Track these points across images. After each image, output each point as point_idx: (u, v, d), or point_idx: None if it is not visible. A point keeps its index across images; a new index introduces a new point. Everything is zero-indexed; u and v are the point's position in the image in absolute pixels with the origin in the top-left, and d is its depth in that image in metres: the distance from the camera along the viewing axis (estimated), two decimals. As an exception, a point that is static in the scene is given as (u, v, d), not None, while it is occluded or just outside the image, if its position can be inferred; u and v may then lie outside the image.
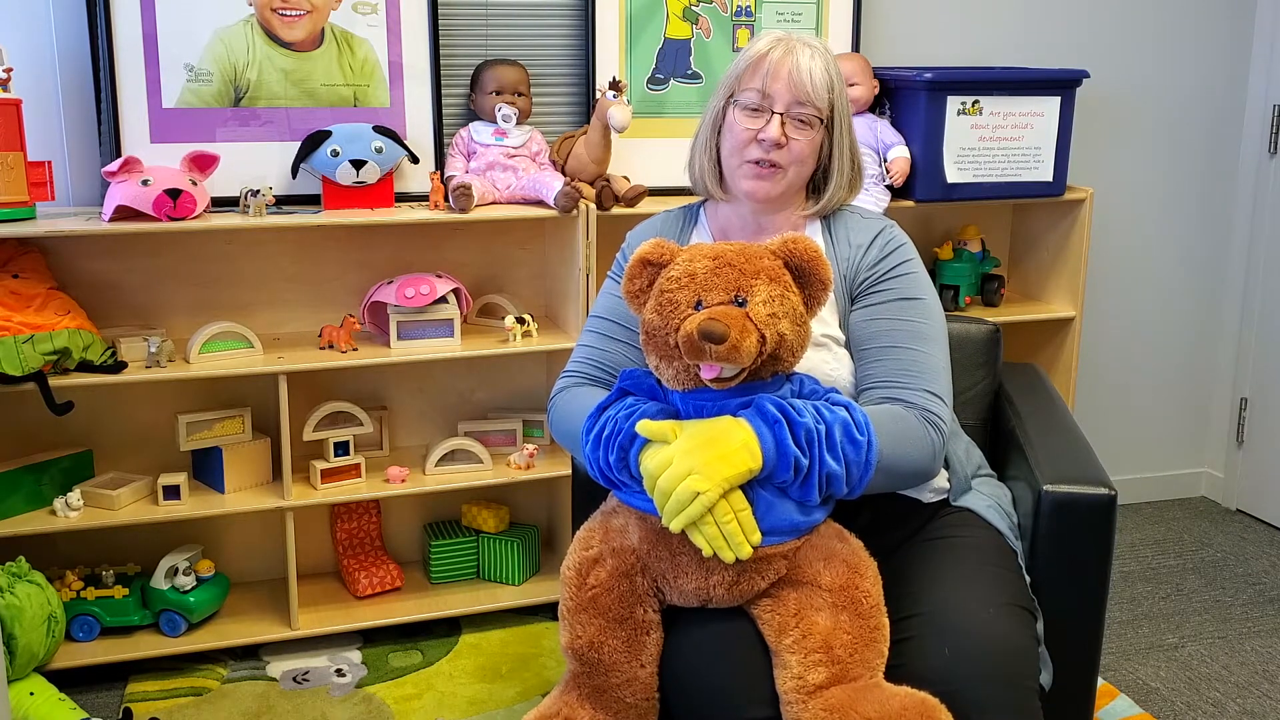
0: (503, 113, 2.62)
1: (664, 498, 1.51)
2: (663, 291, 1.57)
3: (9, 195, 2.28)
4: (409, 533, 2.90)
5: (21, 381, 2.29)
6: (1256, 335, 3.43)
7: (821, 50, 1.78)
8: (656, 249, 1.62)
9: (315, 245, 2.70)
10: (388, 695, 2.44)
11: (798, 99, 1.74)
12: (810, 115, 1.75)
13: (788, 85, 1.74)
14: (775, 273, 1.57)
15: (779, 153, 1.75)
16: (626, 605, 1.61)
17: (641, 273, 1.62)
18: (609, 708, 1.62)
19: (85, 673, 2.45)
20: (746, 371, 1.53)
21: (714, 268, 1.56)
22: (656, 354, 1.58)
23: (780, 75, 1.74)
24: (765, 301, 1.53)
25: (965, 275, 2.99)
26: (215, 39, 2.49)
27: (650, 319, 1.58)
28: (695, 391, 1.57)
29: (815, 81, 1.74)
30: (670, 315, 1.55)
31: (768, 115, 1.75)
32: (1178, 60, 3.31)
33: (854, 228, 1.82)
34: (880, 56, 2.99)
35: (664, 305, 1.56)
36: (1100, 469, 1.85)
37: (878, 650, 1.55)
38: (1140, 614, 2.85)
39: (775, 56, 1.75)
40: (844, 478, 1.54)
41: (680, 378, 1.57)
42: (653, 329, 1.57)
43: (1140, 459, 3.55)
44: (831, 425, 1.53)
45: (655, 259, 1.61)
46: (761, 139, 1.74)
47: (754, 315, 1.52)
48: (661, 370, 1.59)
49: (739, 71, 1.79)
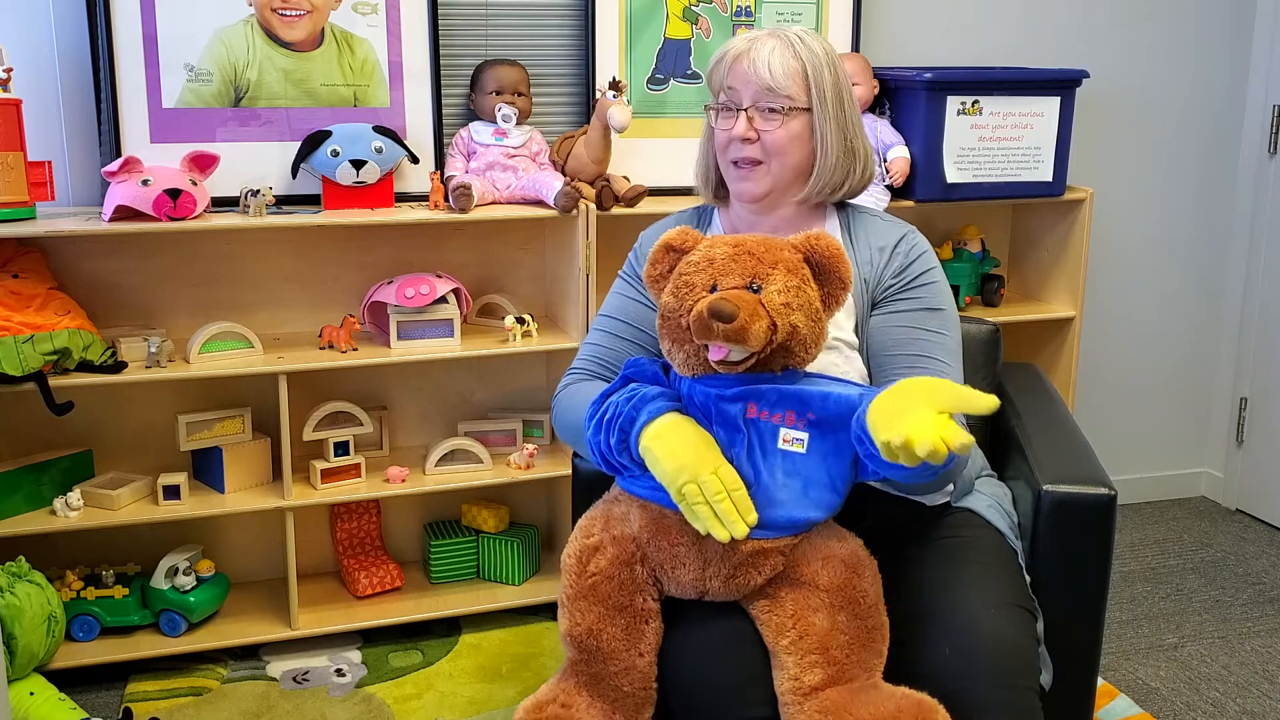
0: (503, 113, 2.63)
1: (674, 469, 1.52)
2: (680, 274, 1.58)
3: (9, 195, 2.28)
4: (409, 533, 2.90)
5: (21, 381, 2.29)
6: (1256, 335, 3.43)
7: (794, 38, 1.74)
8: (681, 235, 1.63)
9: (315, 245, 2.70)
10: (388, 695, 2.44)
11: (760, 92, 1.73)
12: (780, 104, 1.73)
13: (746, 80, 1.74)
14: (794, 265, 1.56)
15: (753, 148, 1.74)
16: (626, 593, 1.61)
17: (664, 258, 1.63)
18: (606, 696, 1.62)
19: (85, 673, 2.45)
20: (755, 359, 1.52)
21: (733, 254, 1.56)
22: (670, 337, 1.58)
23: (738, 71, 1.74)
24: (780, 290, 1.53)
25: (965, 275, 2.99)
26: (215, 39, 2.50)
27: (666, 301, 1.59)
28: (703, 378, 1.57)
29: (775, 71, 1.72)
30: (685, 297, 1.55)
31: (737, 113, 1.75)
32: (1178, 60, 3.31)
33: (875, 231, 1.80)
34: (880, 56, 2.99)
35: (680, 288, 1.57)
36: (1100, 469, 1.85)
37: (876, 650, 1.55)
38: (1140, 614, 2.85)
39: (733, 54, 1.75)
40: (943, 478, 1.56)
41: (690, 362, 1.57)
42: (668, 311, 1.58)
43: (1140, 459, 3.55)
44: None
45: (679, 245, 1.62)
46: (733, 137, 1.75)
47: (767, 302, 1.51)
48: (673, 355, 1.59)
49: (709, 76, 1.81)
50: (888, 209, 2.73)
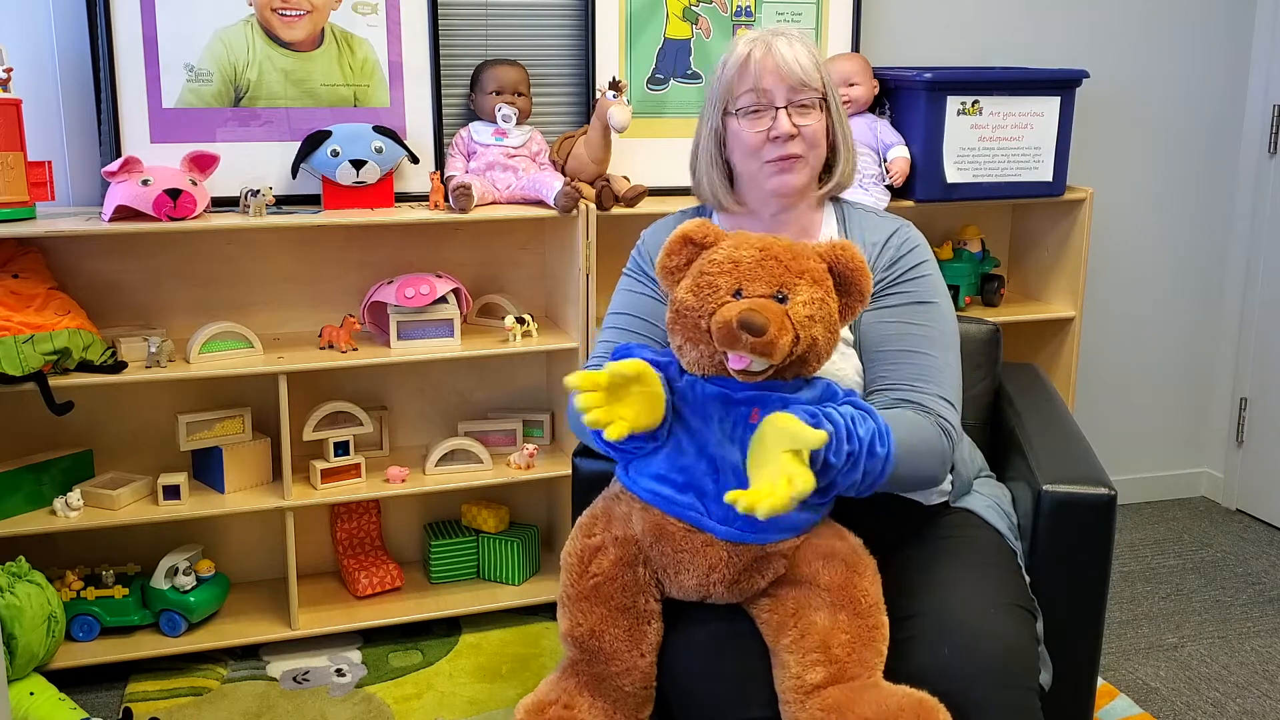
0: (503, 113, 2.63)
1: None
2: (703, 273, 1.55)
3: (9, 195, 2.28)
4: (409, 533, 2.90)
5: (21, 381, 2.29)
6: (1256, 335, 3.43)
7: (796, 35, 1.78)
8: (700, 229, 1.60)
9: (315, 245, 2.70)
10: (388, 695, 2.44)
11: (793, 87, 1.74)
12: (811, 98, 1.76)
13: (779, 77, 1.74)
14: (819, 275, 1.55)
15: (794, 143, 1.75)
16: (629, 595, 1.60)
17: (681, 250, 1.60)
18: (607, 695, 1.62)
19: (85, 673, 2.45)
20: (773, 369, 1.52)
21: (760, 259, 1.54)
22: (683, 335, 1.56)
23: (768, 70, 1.74)
24: (806, 303, 1.52)
25: (965, 275, 2.99)
26: (215, 39, 2.49)
27: (684, 298, 1.56)
28: (712, 379, 1.56)
29: (804, 65, 1.74)
30: (708, 298, 1.53)
31: (771, 112, 1.75)
32: (1178, 60, 3.31)
33: (869, 226, 1.82)
34: (880, 56, 2.99)
35: (702, 287, 1.54)
36: (1100, 469, 1.85)
37: (876, 649, 1.55)
38: (1140, 614, 2.85)
39: (758, 55, 1.75)
40: (859, 485, 1.54)
41: (702, 363, 1.55)
42: (685, 309, 1.55)
43: (1140, 459, 3.55)
44: (863, 442, 1.51)
45: (699, 239, 1.60)
46: (775, 136, 1.74)
47: (793, 314, 1.50)
48: (685, 352, 1.57)
49: (727, 82, 1.78)
50: (888, 209, 2.73)
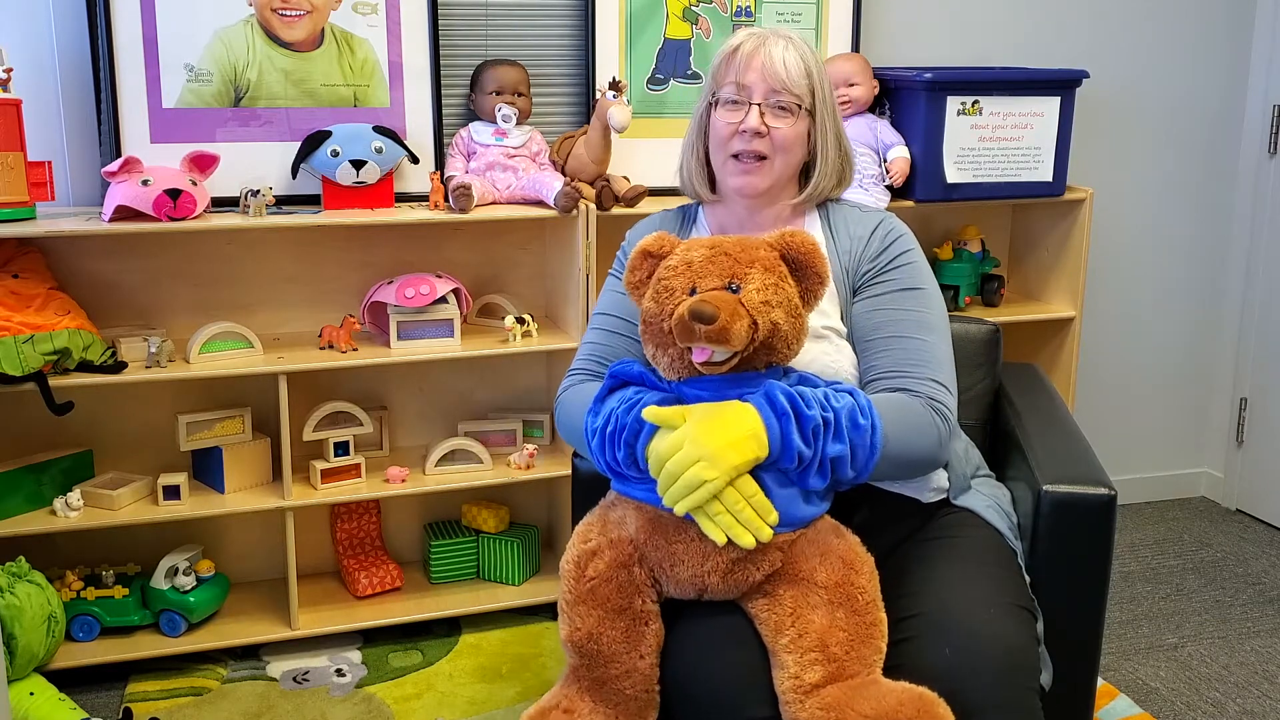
0: (503, 113, 2.63)
1: (670, 480, 1.51)
2: (660, 279, 1.60)
3: (9, 195, 2.28)
4: (409, 533, 2.90)
5: (21, 381, 2.29)
6: (1256, 335, 3.43)
7: (797, 41, 1.79)
8: (657, 241, 1.65)
9: (315, 245, 2.70)
10: (388, 695, 2.44)
11: (773, 88, 1.75)
12: (789, 102, 1.76)
13: (762, 75, 1.75)
14: (771, 263, 1.59)
15: (761, 142, 1.76)
16: (625, 596, 1.61)
17: (642, 264, 1.65)
18: (609, 700, 1.62)
19: (85, 673, 2.45)
20: (739, 358, 1.54)
21: (710, 256, 1.59)
22: (653, 342, 1.61)
23: (753, 66, 1.76)
24: (759, 289, 1.55)
25: (965, 275, 2.99)
26: (215, 39, 2.50)
27: (648, 307, 1.61)
28: (691, 380, 1.59)
29: (790, 69, 1.75)
30: (665, 301, 1.58)
31: (746, 107, 1.76)
32: (1178, 60, 3.31)
33: (853, 221, 1.84)
34: (880, 56, 2.99)
35: (660, 293, 1.59)
36: (1100, 469, 1.85)
37: (875, 646, 1.55)
38: (1140, 614, 2.85)
39: (747, 49, 1.77)
40: (849, 460, 1.55)
41: (675, 365, 1.59)
42: (650, 316, 1.60)
43: (1140, 459, 3.55)
44: (839, 413, 1.54)
45: (656, 250, 1.65)
46: (742, 130, 1.76)
47: (746, 301, 1.54)
48: (658, 359, 1.61)
49: (715, 70, 1.81)
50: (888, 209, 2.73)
